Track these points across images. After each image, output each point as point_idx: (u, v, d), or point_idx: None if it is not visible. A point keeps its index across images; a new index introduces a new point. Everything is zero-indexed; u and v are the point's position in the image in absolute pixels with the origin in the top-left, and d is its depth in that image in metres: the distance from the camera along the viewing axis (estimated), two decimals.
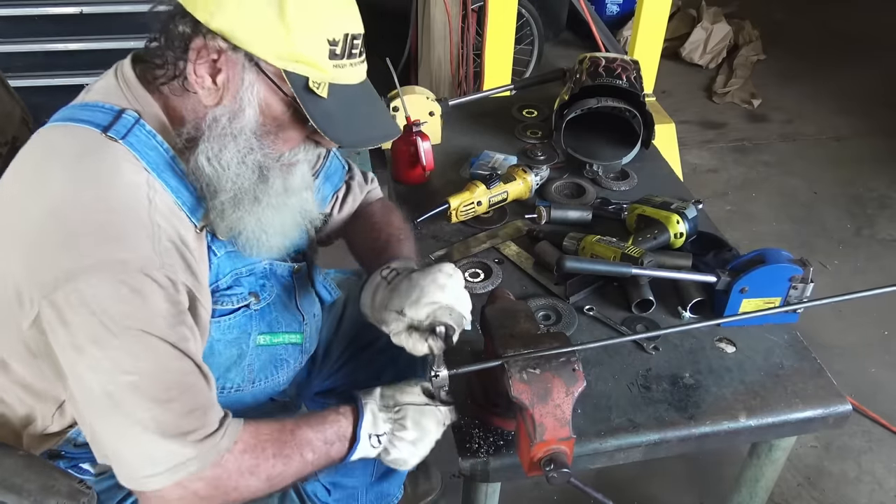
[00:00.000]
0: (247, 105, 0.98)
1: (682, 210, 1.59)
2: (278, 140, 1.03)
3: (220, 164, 1.00)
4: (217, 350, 1.13)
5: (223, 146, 0.99)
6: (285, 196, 1.08)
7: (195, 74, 0.98)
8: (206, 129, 0.99)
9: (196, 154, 1.00)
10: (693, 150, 3.73)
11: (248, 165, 1.01)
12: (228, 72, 0.97)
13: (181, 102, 1.02)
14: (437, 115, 1.99)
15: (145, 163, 0.98)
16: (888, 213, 3.29)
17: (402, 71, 3.29)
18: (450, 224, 1.72)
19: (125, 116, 0.99)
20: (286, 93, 0.98)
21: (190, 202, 1.03)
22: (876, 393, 2.38)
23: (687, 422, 1.26)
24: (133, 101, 1.02)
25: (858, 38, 4.92)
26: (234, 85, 0.98)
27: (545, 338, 1.12)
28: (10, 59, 2.65)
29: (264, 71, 0.97)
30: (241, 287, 1.14)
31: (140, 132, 0.99)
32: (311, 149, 1.09)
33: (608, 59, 1.96)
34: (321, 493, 1.77)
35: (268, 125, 1.01)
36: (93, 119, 0.99)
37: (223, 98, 0.99)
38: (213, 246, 1.09)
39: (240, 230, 1.06)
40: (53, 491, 1.05)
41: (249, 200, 1.04)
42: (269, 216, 1.07)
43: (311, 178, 1.16)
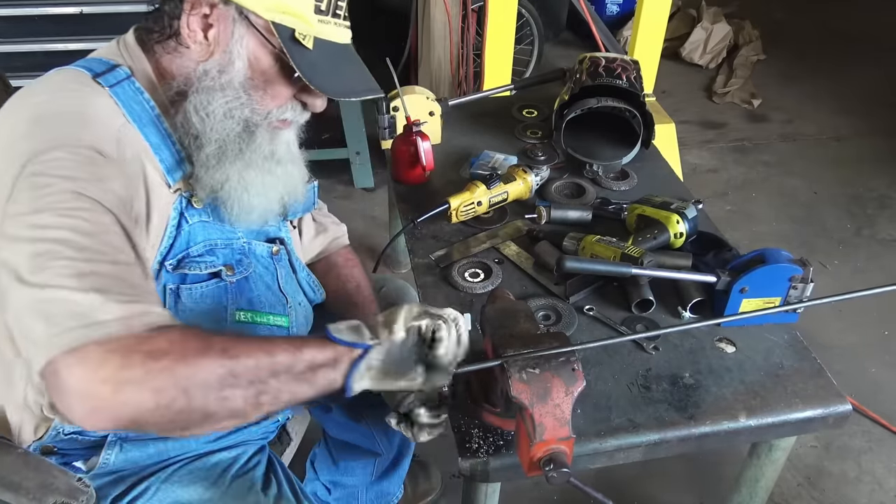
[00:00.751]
0: (236, 58, 1.02)
1: (682, 210, 1.59)
2: (266, 95, 1.06)
3: (208, 114, 1.03)
4: (192, 322, 1.11)
5: (211, 98, 1.03)
6: (271, 162, 1.11)
7: (188, 28, 1.02)
8: (196, 82, 1.04)
9: (185, 106, 1.04)
10: (693, 150, 3.73)
11: (234, 119, 1.05)
12: (219, 26, 1.01)
13: (172, 60, 1.06)
14: (437, 115, 1.99)
15: (127, 112, 1.02)
16: (888, 213, 3.29)
17: (402, 71, 3.30)
18: (450, 224, 1.72)
19: (118, 70, 1.04)
20: (273, 45, 1.02)
21: (168, 161, 1.06)
22: (876, 393, 2.38)
23: (687, 422, 1.26)
24: (128, 59, 1.07)
25: (858, 38, 4.93)
26: (225, 38, 1.02)
27: (545, 338, 1.12)
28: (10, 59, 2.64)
29: (254, 24, 1.01)
30: (214, 257, 1.15)
31: (129, 86, 1.04)
32: (299, 110, 1.11)
33: (608, 59, 1.96)
34: (321, 492, 1.77)
35: (256, 79, 1.04)
36: (87, 65, 1.05)
37: (214, 52, 1.03)
38: (187, 213, 1.10)
39: (221, 183, 1.08)
40: (52, 489, 1.05)
41: (234, 152, 1.07)
42: (251, 175, 1.09)
43: (297, 151, 1.18)
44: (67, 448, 1.14)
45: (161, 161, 1.05)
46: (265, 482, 1.25)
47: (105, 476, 1.16)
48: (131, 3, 2.68)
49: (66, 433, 1.11)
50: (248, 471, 1.24)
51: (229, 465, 1.23)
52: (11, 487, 1.03)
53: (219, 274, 1.15)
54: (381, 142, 1.98)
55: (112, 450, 1.15)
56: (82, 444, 1.13)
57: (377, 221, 3.04)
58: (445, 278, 1.56)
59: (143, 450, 1.17)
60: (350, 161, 3.22)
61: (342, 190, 3.27)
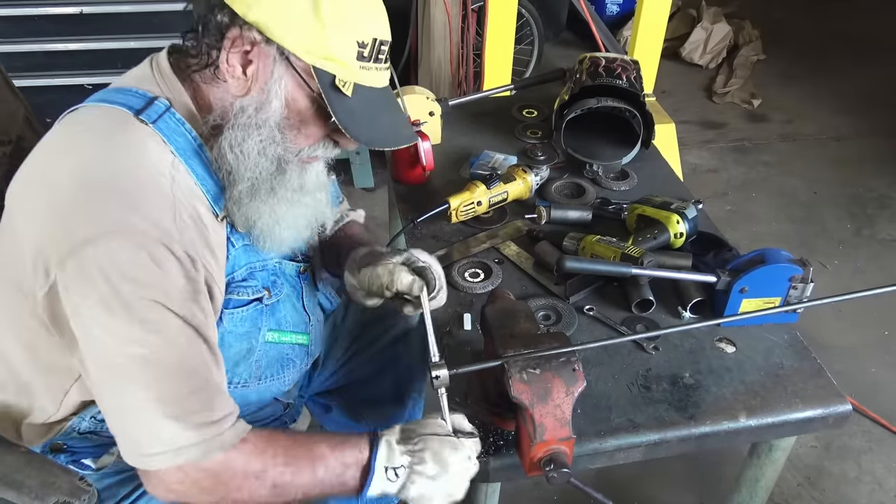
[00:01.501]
0: (273, 97, 1.02)
1: (682, 210, 1.59)
2: (300, 135, 1.06)
3: (242, 152, 1.03)
4: (228, 342, 1.13)
5: (247, 135, 1.03)
6: (300, 193, 1.11)
7: (227, 63, 1.01)
8: (232, 118, 1.03)
9: (220, 141, 1.03)
10: (693, 150, 3.73)
11: (267, 157, 1.04)
12: (259, 63, 1.01)
13: (210, 91, 1.06)
14: (437, 115, 1.99)
15: (173, 147, 1.01)
16: (888, 213, 3.30)
17: (402, 71, 3.30)
18: (450, 224, 1.72)
19: (157, 103, 1.02)
20: (312, 88, 1.01)
21: (213, 190, 1.06)
22: (876, 393, 2.38)
23: (687, 422, 1.26)
24: (165, 90, 1.05)
25: (858, 38, 4.93)
26: (264, 76, 1.01)
27: (545, 338, 1.12)
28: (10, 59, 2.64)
29: (294, 65, 1.01)
30: (256, 280, 1.16)
31: (170, 119, 1.02)
32: (330, 147, 1.12)
33: (608, 59, 1.96)
34: None
35: (291, 119, 1.04)
36: (126, 102, 1.02)
37: (251, 89, 1.02)
38: (232, 237, 1.11)
39: (255, 220, 1.08)
40: (54, 487, 1.06)
41: (266, 191, 1.06)
42: (283, 209, 1.09)
43: (326, 179, 1.19)
44: (78, 446, 1.14)
45: (207, 192, 1.04)
46: None
47: (113, 476, 1.16)
48: (131, 3, 2.68)
49: (82, 431, 1.12)
50: None
51: None
52: (13, 486, 1.03)
53: (260, 298, 1.16)
54: None
55: None
56: (94, 442, 1.14)
57: (377, 221, 3.04)
58: (445, 278, 1.56)
59: None
60: (350, 161, 3.22)
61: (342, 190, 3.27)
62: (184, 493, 0.99)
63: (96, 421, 1.11)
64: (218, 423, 0.98)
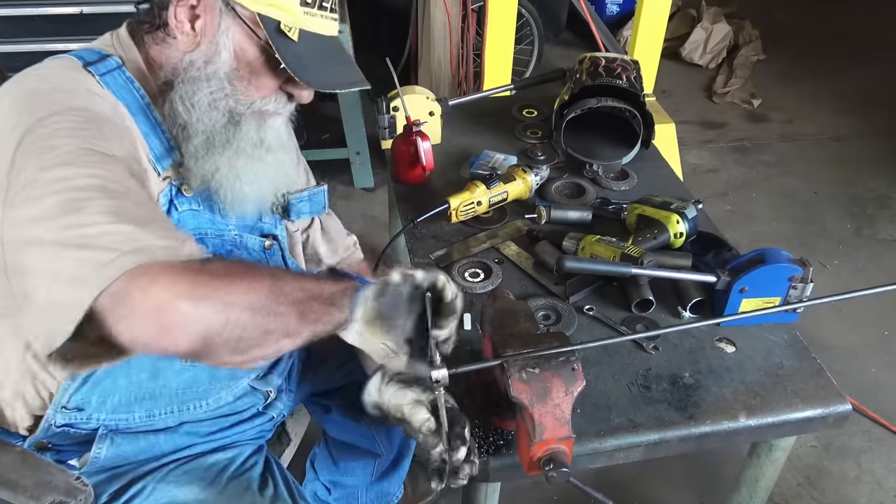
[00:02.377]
0: (222, 48, 1.04)
1: (682, 210, 1.59)
2: (251, 86, 1.07)
3: (193, 105, 1.04)
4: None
5: (196, 88, 1.04)
6: (261, 149, 1.11)
7: (175, 19, 1.03)
8: (182, 72, 1.05)
9: (171, 96, 1.05)
10: (693, 150, 3.73)
11: (219, 109, 1.06)
12: (206, 17, 1.03)
13: (161, 51, 1.08)
14: (437, 115, 1.99)
15: (118, 101, 1.03)
16: (888, 213, 3.30)
17: (402, 71, 3.30)
18: (450, 224, 1.72)
19: (109, 60, 1.05)
20: (260, 37, 1.03)
21: (158, 149, 1.07)
22: (876, 393, 2.38)
23: (687, 422, 1.26)
24: (119, 50, 1.08)
25: (858, 39, 4.93)
26: (211, 30, 1.03)
27: (545, 337, 1.12)
28: (10, 59, 2.64)
29: (240, 15, 1.02)
30: (204, 245, 1.14)
31: (119, 76, 1.05)
32: (283, 101, 1.12)
33: (608, 59, 1.96)
34: (321, 492, 1.77)
35: (241, 70, 1.06)
36: (77, 55, 1.06)
37: (200, 43, 1.04)
38: (176, 201, 1.10)
39: (212, 173, 1.08)
40: (50, 487, 1.06)
41: (221, 143, 1.07)
42: (242, 163, 1.10)
43: (288, 140, 1.19)
44: (60, 443, 1.14)
45: (151, 149, 1.06)
46: (262, 483, 1.25)
47: (99, 473, 1.17)
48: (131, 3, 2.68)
49: (58, 425, 1.11)
50: (244, 471, 1.24)
51: (226, 466, 1.23)
52: (9, 486, 1.03)
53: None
54: (381, 142, 1.98)
55: (103, 444, 1.15)
56: (74, 439, 1.14)
57: (377, 221, 3.04)
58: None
59: (135, 443, 1.18)
60: (350, 161, 3.22)
61: (342, 190, 3.27)
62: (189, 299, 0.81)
63: (67, 411, 1.10)
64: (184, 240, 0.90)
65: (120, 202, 0.88)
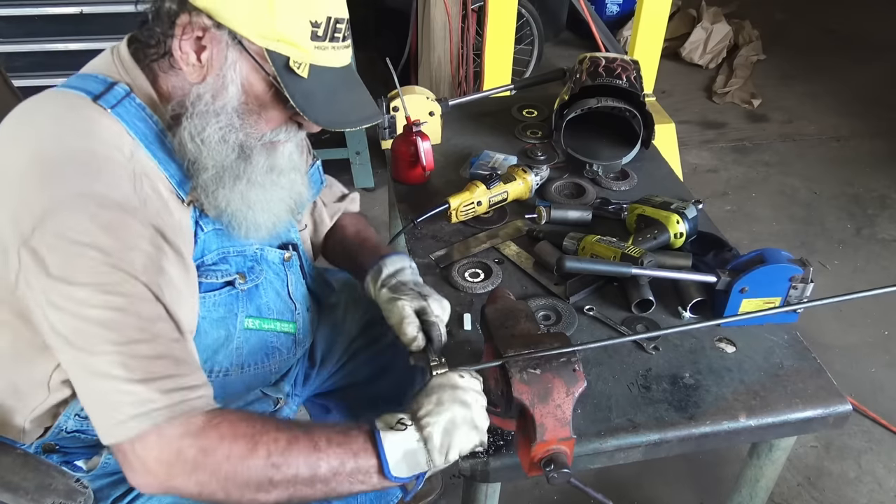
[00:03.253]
0: (230, 83, 1.00)
1: (682, 210, 1.59)
2: (261, 120, 1.05)
3: (203, 141, 1.02)
4: (203, 329, 1.12)
5: (206, 123, 1.01)
6: (273, 174, 1.10)
7: (180, 51, 1.00)
8: (190, 106, 1.02)
9: (180, 131, 1.02)
10: (693, 150, 3.73)
11: (229, 144, 1.03)
12: (212, 49, 0.99)
13: (168, 80, 1.05)
14: (437, 115, 1.99)
15: (133, 132, 1.01)
16: (888, 213, 3.29)
17: (402, 71, 3.30)
18: (450, 224, 1.72)
19: (116, 88, 1.02)
20: (268, 72, 1.00)
21: (178, 175, 1.05)
22: (876, 393, 2.38)
23: (687, 422, 1.26)
24: (125, 76, 1.04)
25: (858, 39, 4.93)
26: (218, 62, 1.00)
27: (545, 338, 1.12)
28: (10, 59, 2.64)
29: (247, 49, 0.99)
30: (228, 265, 1.14)
31: (130, 104, 1.01)
32: (294, 130, 1.10)
33: (608, 59, 1.96)
34: None
35: (250, 104, 1.03)
36: (84, 87, 1.02)
37: (207, 75, 1.01)
38: (201, 221, 1.09)
39: (224, 207, 1.07)
40: (50, 489, 1.06)
41: (231, 178, 1.05)
42: (254, 193, 1.08)
43: (299, 159, 1.17)
44: (69, 446, 1.14)
45: (171, 176, 1.04)
46: None
47: (106, 477, 1.16)
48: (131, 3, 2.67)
49: (69, 431, 1.11)
50: None
51: None
52: (10, 488, 1.03)
53: (233, 283, 1.15)
54: (381, 142, 1.98)
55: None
56: (84, 443, 1.13)
57: (377, 221, 3.04)
58: (445, 278, 1.56)
59: None
60: (350, 161, 3.22)
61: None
62: (168, 473, 0.92)
63: (80, 419, 1.10)
64: (189, 388, 0.94)
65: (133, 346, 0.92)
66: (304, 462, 0.95)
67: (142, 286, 0.94)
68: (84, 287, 0.91)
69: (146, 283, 0.94)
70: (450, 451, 1.00)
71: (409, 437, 1.00)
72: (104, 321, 0.91)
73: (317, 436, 0.98)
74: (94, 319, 0.91)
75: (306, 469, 0.95)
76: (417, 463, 1.00)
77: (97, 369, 0.92)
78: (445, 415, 1.01)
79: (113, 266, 0.92)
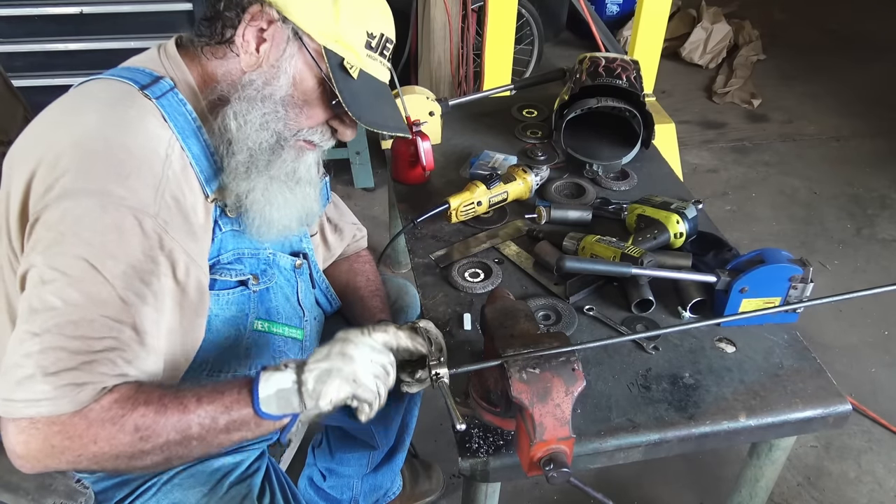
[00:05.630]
0: (282, 73, 1.06)
1: (682, 210, 1.59)
2: (301, 114, 1.10)
3: (245, 122, 1.06)
4: (215, 326, 1.14)
5: (251, 107, 1.06)
6: (293, 181, 1.14)
7: (243, 38, 1.05)
8: (240, 89, 1.06)
9: (225, 110, 1.07)
10: (693, 150, 3.73)
11: (268, 130, 1.08)
12: (273, 40, 1.06)
13: (217, 65, 1.09)
14: (437, 115, 1.99)
15: (173, 125, 1.04)
16: (888, 213, 3.29)
17: (402, 71, 3.30)
18: (450, 224, 1.72)
19: (162, 82, 1.06)
20: (322, 68, 1.07)
21: (207, 172, 1.08)
22: (876, 393, 2.38)
23: (687, 422, 1.26)
24: (170, 70, 1.09)
25: (858, 38, 4.93)
26: (276, 53, 1.06)
27: (545, 338, 1.12)
28: (10, 59, 2.64)
29: (306, 45, 1.06)
30: (242, 265, 1.17)
31: (173, 98, 1.05)
32: (327, 135, 1.15)
33: (608, 59, 1.96)
34: (317, 477, 1.79)
35: (296, 97, 1.08)
36: (132, 77, 1.06)
37: (262, 64, 1.07)
38: (220, 221, 1.12)
39: (247, 193, 1.10)
40: (51, 490, 1.06)
41: (262, 164, 1.09)
42: (274, 189, 1.11)
43: (317, 175, 1.21)
44: None
45: (200, 171, 1.07)
46: (261, 491, 1.25)
47: (109, 479, 1.16)
48: (131, 3, 2.68)
49: None
50: (246, 477, 1.24)
51: (230, 471, 1.23)
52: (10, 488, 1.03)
53: (246, 283, 1.17)
54: (381, 142, 1.99)
55: None
56: None
57: (377, 221, 3.04)
58: (445, 278, 1.57)
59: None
60: (350, 161, 3.22)
61: (342, 190, 3.27)
62: (37, 458, 0.93)
63: None
64: (81, 385, 0.93)
65: (64, 340, 0.92)
66: (172, 428, 0.97)
67: (114, 293, 0.95)
68: (54, 271, 0.93)
69: (115, 287, 0.95)
70: (321, 397, 1.01)
71: (285, 378, 1.02)
72: (55, 307, 0.92)
73: (187, 398, 0.99)
74: (47, 302, 0.92)
75: (176, 434, 0.97)
76: (289, 402, 1.01)
77: (22, 347, 0.92)
78: (324, 364, 1.03)
79: (86, 259, 0.93)
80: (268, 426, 1.02)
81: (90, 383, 0.93)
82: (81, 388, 0.92)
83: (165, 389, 0.99)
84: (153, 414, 0.96)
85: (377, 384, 1.05)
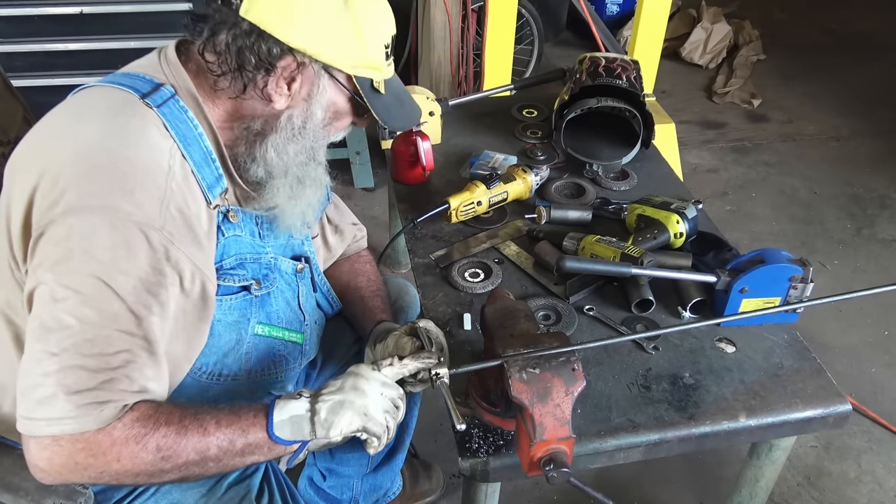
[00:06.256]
0: (316, 105, 1.11)
1: (682, 210, 1.59)
2: (332, 128, 1.17)
3: (287, 152, 1.11)
4: (217, 331, 1.14)
5: (291, 141, 1.11)
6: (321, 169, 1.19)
7: (276, 86, 1.07)
8: (280, 129, 1.10)
9: (265, 143, 1.10)
10: (693, 150, 3.73)
11: (305, 153, 1.14)
12: (302, 79, 1.08)
13: (250, 105, 1.10)
14: (437, 115, 1.99)
15: (174, 134, 1.04)
16: (888, 213, 3.29)
17: (402, 71, 3.30)
18: (450, 224, 1.72)
19: (163, 90, 1.06)
20: (351, 91, 1.12)
21: (210, 178, 1.08)
22: (876, 393, 2.38)
23: (687, 422, 1.26)
24: (171, 78, 1.08)
25: (858, 38, 4.93)
26: (306, 89, 1.09)
27: (545, 338, 1.12)
28: (10, 59, 2.64)
29: (335, 77, 1.10)
30: (245, 270, 1.17)
31: (174, 106, 1.05)
32: (348, 129, 1.21)
33: (608, 59, 1.96)
34: (317, 477, 1.79)
35: (328, 118, 1.14)
36: (133, 85, 1.05)
37: (294, 103, 1.10)
38: (223, 227, 1.12)
39: (285, 200, 1.15)
40: (51, 490, 1.06)
41: (296, 175, 1.15)
42: (302, 189, 1.16)
43: (324, 175, 1.23)
44: None
45: (203, 178, 1.07)
46: (260, 490, 1.25)
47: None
48: (131, 3, 2.68)
49: None
50: (245, 478, 1.24)
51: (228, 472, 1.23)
52: (10, 489, 1.03)
53: (248, 287, 1.18)
54: (381, 142, 1.99)
55: None
56: None
57: (377, 221, 3.04)
58: (445, 278, 1.57)
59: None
60: (350, 161, 3.22)
61: (342, 190, 3.27)
62: (59, 472, 0.95)
63: None
64: (103, 404, 0.95)
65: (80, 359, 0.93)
66: (192, 449, 1.00)
67: (125, 308, 0.96)
68: (67, 289, 0.93)
69: (130, 306, 0.96)
70: (331, 428, 1.04)
71: (300, 406, 1.05)
72: (70, 326, 0.93)
73: (206, 421, 1.01)
74: (62, 321, 0.93)
75: (195, 455, 1.00)
76: (301, 429, 1.04)
77: (39, 367, 0.94)
78: (338, 396, 1.06)
79: (98, 278, 0.94)
80: (279, 450, 1.05)
81: (112, 401, 0.95)
82: (104, 405, 0.94)
83: (184, 410, 1.02)
84: (174, 435, 0.98)
85: (387, 418, 1.08)
